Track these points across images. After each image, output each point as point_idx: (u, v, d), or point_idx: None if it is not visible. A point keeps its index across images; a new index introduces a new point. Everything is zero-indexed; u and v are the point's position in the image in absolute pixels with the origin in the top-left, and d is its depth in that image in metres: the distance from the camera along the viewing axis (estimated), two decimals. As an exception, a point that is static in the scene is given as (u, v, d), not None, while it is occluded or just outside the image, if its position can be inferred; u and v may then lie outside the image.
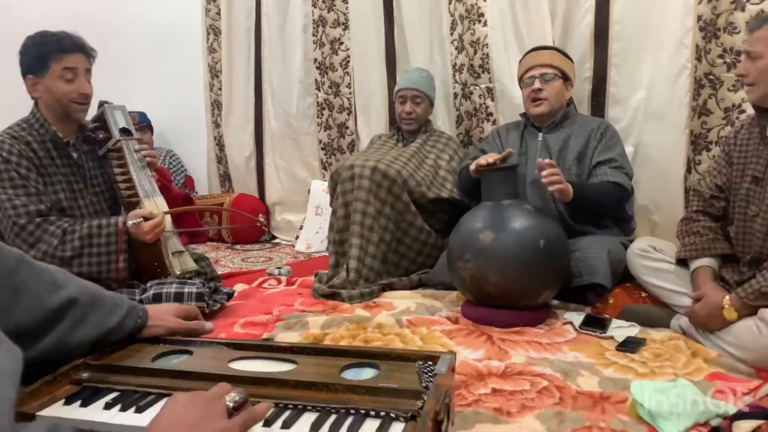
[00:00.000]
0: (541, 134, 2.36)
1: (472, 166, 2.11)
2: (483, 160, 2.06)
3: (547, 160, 1.96)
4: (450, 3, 2.94)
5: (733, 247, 1.78)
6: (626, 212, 2.34)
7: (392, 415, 0.79)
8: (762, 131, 1.69)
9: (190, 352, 0.97)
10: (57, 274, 0.90)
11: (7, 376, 0.51)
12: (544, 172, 1.90)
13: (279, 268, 2.72)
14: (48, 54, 1.90)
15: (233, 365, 0.92)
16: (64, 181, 1.98)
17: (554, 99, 2.30)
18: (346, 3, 3.34)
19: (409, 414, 0.78)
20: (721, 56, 2.27)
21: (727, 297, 1.60)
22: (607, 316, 1.90)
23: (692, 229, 1.84)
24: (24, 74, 1.95)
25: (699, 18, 2.28)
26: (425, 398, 0.81)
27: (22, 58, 1.94)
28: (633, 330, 1.81)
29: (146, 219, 1.91)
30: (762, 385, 1.40)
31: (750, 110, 2.18)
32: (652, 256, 1.91)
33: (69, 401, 0.83)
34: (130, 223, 1.88)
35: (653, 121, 2.47)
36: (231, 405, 0.70)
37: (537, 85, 2.29)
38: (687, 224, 1.88)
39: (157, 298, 1.82)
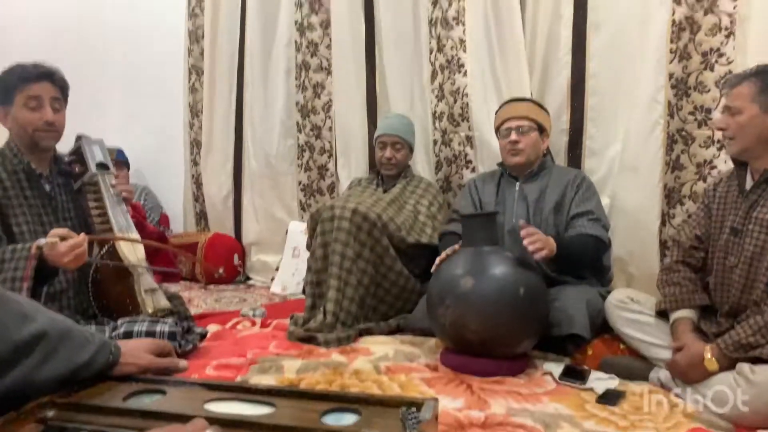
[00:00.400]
0: (518, 184, 2.39)
1: (437, 262, 2.10)
2: (438, 260, 2.10)
3: (525, 226, 1.94)
4: (431, 53, 3.02)
5: (711, 298, 1.80)
6: (603, 263, 2.36)
7: (376, 462, 0.75)
8: (741, 184, 1.74)
9: (163, 392, 0.92)
10: (26, 305, 0.85)
11: None
12: (525, 241, 1.89)
13: (253, 309, 2.66)
14: (12, 84, 1.88)
15: (208, 406, 0.87)
16: (33, 213, 1.92)
17: (530, 150, 2.34)
18: (329, 49, 3.40)
19: (394, 462, 0.75)
20: (692, 113, 2.35)
21: (708, 347, 1.60)
22: (586, 367, 1.89)
23: (672, 279, 1.85)
24: None
25: (671, 76, 2.37)
26: (410, 446, 0.78)
27: None
28: (612, 382, 1.79)
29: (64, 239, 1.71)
30: (742, 441, 1.38)
31: (722, 166, 2.25)
32: (630, 307, 1.92)
33: (31, 442, 0.77)
34: (43, 241, 1.68)
35: (628, 173, 2.53)
36: None
37: (513, 137, 2.33)
38: (667, 274, 1.89)
39: (128, 336, 1.74)
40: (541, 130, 2.39)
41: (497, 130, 2.46)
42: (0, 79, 1.91)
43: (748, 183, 1.72)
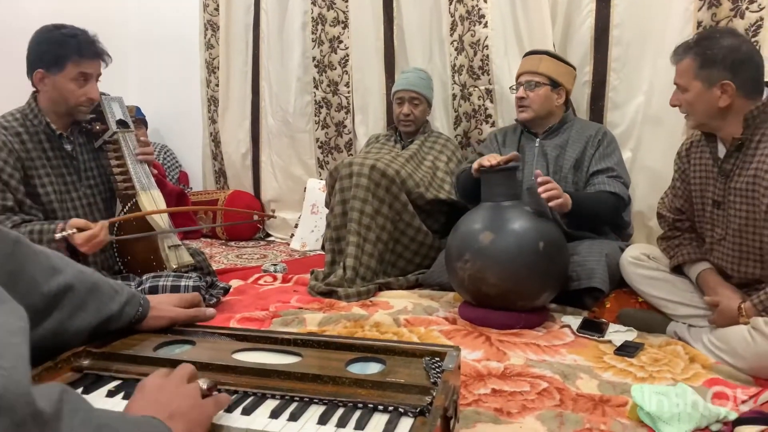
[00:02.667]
0: (538, 140, 2.36)
1: (474, 165, 2.06)
2: (486, 161, 2.02)
3: (541, 176, 1.93)
4: (450, 4, 2.94)
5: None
6: (623, 219, 2.34)
7: (401, 409, 0.77)
8: (713, 152, 1.69)
9: (192, 342, 0.95)
10: (54, 258, 0.87)
11: (20, 333, 0.50)
12: (540, 188, 1.88)
13: (274, 265, 2.70)
14: (67, 55, 1.85)
15: (237, 356, 0.90)
16: (56, 173, 1.94)
17: (538, 106, 2.29)
18: (346, 1, 3.33)
19: (418, 409, 0.77)
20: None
21: (743, 306, 1.59)
22: (604, 320, 1.90)
23: (676, 242, 1.84)
24: (33, 66, 1.88)
25: (699, 24, 2.29)
26: (434, 394, 0.80)
27: (36, 51, 1.88)
28: (630, 334, 1.81)
29: (82, 230, 1.77)
30: (762, 392, 1.39)
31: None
32: (646, 264, 1.89)
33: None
34: (58, 235, 1.74)
35: (651, 126, 2.48)
36: (204, 387, 0.73)
37: (520, 93, 2.31)
38: (668, 240, 1.87)
39: (153, 291, 1.79)
40: (555, 84, 2.31)
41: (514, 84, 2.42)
42: (50, 43, 1.86)
43: (720, 151, 1.66)
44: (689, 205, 1.79)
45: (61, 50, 1.86)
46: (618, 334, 1.81)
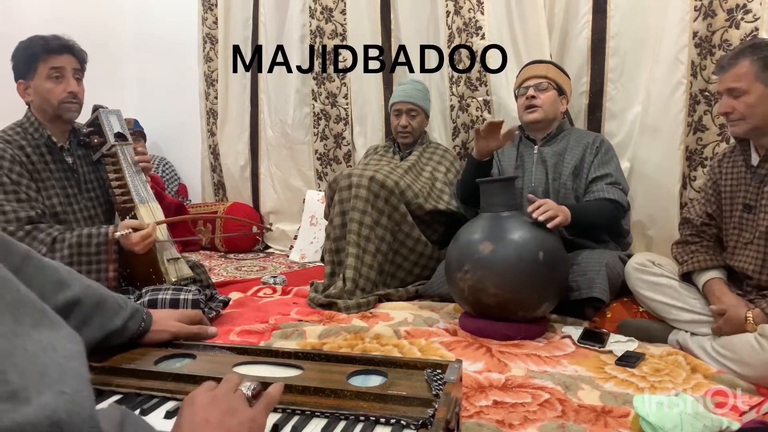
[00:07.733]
0: (536, 147, 2.37)
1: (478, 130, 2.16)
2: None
3: (533, 200, 1.95)
4: (448, 16, 2.96)
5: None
6: (623, 227, 2.35)
7: (403, 422, 0.77)
8: (746, 159, 1.71)
9: (193, 356, 0.94)
10: (63, 272, 0.87)
11: (78, 356, 0.49)
12: (535, 214, 1.89)
13: (274, 277, 2.70)
14: (35, 56, 1.88)
15: (238, 369, 0.89)
16: (58, 186, 1.95)
17: (548, 107, 2.30)
18: (344, 14, 3.35)
19: (420, 422, 0.77)
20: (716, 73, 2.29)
21: (751, 314, 1.58)
22: (605, 330, 1.90)
23: (690, 249, 1.84)
24: (16, 79, 1.93)
25: (694, 34, 2.31)
26: (436, 406, 0.79)
27: (13, 63, 1.93)
28: (631, 344, 1.80)
29: (136, 230, 1.86)
30: (764, 402, 1.39)
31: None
32: (651, 270, 1.90)
33: (70, 404, 0.80)
34: (118, 234, 1.83)
35: (649, 136, 2.49)
36: (249, 393, 0.70)
37: (531, 92, 2.31)
38: (683, 246, 1.88)
39: (152, 305, 1.78)
40: (561, 91, 2.35)
41: (516, 90, 2.43)
42: (21, 50, 1.91)
43: (754, 158, 1.69)
44: (720, 211, 1.82)
45: (30, 52, 1.89)
46: (619, 344, 1.81)
